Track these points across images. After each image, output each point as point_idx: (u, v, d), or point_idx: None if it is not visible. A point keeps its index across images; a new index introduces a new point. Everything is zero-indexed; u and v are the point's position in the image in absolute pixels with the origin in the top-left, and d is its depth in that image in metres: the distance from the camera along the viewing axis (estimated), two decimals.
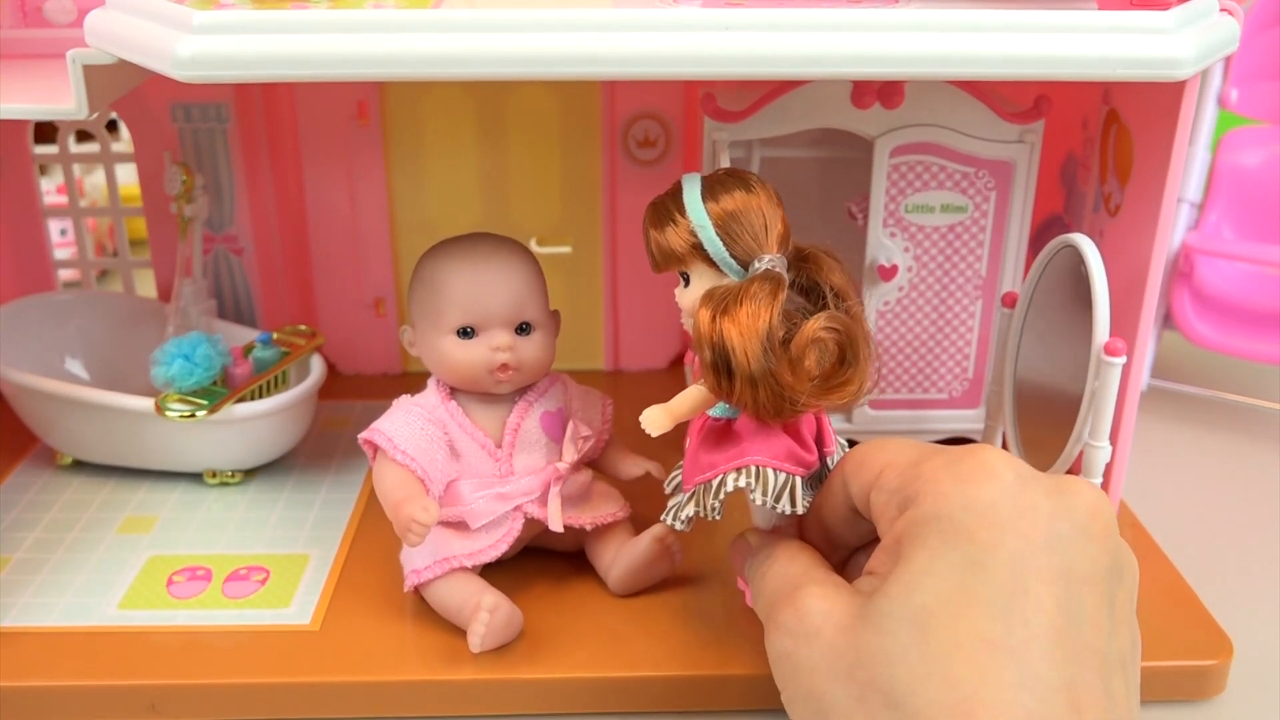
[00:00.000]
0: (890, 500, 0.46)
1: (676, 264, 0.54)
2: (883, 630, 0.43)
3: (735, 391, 0.50)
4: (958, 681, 0.40)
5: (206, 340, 0.71)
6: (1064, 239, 0.60)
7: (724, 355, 0.49)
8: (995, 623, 0.41)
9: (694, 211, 0.52)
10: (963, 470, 0.45)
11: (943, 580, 0.42)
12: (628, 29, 0.51)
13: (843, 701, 0.43)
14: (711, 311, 0.50)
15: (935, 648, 0.41)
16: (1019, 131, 0.68)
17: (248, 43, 0.50)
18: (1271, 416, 0.86)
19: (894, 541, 0.45)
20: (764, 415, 0.51)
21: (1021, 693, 0.40)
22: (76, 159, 0.86)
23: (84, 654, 0.58)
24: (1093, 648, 0.42)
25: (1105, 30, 0.52)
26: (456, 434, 0.61)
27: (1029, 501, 0.43)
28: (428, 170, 0.84)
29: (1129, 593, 0.45)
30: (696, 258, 0.53)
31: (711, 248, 0.52)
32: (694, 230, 0.52)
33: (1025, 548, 0.42)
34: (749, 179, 0.53)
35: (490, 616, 0.56)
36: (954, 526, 0.43)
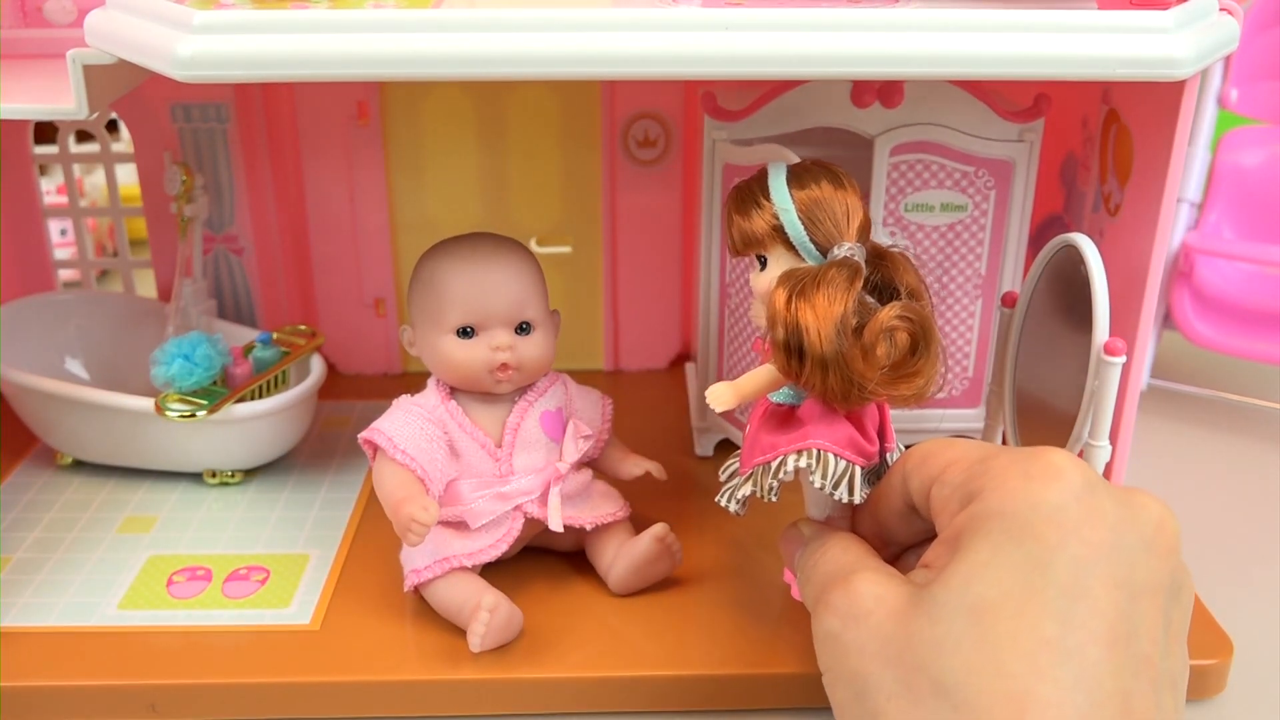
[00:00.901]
0: (953, 495, 0.46)
1: (756, 247, 0.54)
2: (937, 618, 0.42)
3: (805, 373, 0.50)
4: (1012, 675, 0.40)
5: (206, 340, 0.71)
6: (1064, 238, 0.60)
7: (797, 336, 0.50)
8: (1054, 622, 0.41)
9: (778, 195, 0.53)
10: (1031, 469, 0.44)
11: (1004, 575, 0.42)
12: (628, 29, 0.51)
13: (887, 685, 0.43)
14: (788, 293, 0.50)
15: (991, 640, 0.41)
16: (1019, 130, 0.68)
17: (248, 43, 0.50)
18: (1271, 416, 0.86)
19: (954, 535, 0.45)
20: (831, 399, 0.51)
21: (1076, 693, 0.39)
22: (76, 159, 0.86)
23: (84, 654, 0.58)
24: (1148, 660, 0.41)
25: (1105, 30, 0.52)
26: (456, 434, 0.61)
27: (1096, 507, 0.43)
28: (427, 170, 0.84)
29: (1184, 614, 0.45)
30: (777, 241, 0.53)
31: (793, 231, 0.52)
32: (777, 214, 0.53)
33: (1089, 553, 0.42)
34: (835, 170, 0.54)
35: (490, 616, 0.56)
36: (1019, 524, 0.43)
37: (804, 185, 0.53)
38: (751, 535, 0.67)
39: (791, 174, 0.53)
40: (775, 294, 0.51)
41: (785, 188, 0.53)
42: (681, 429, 0.80)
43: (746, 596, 0.62)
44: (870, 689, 0.43)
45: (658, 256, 0.86)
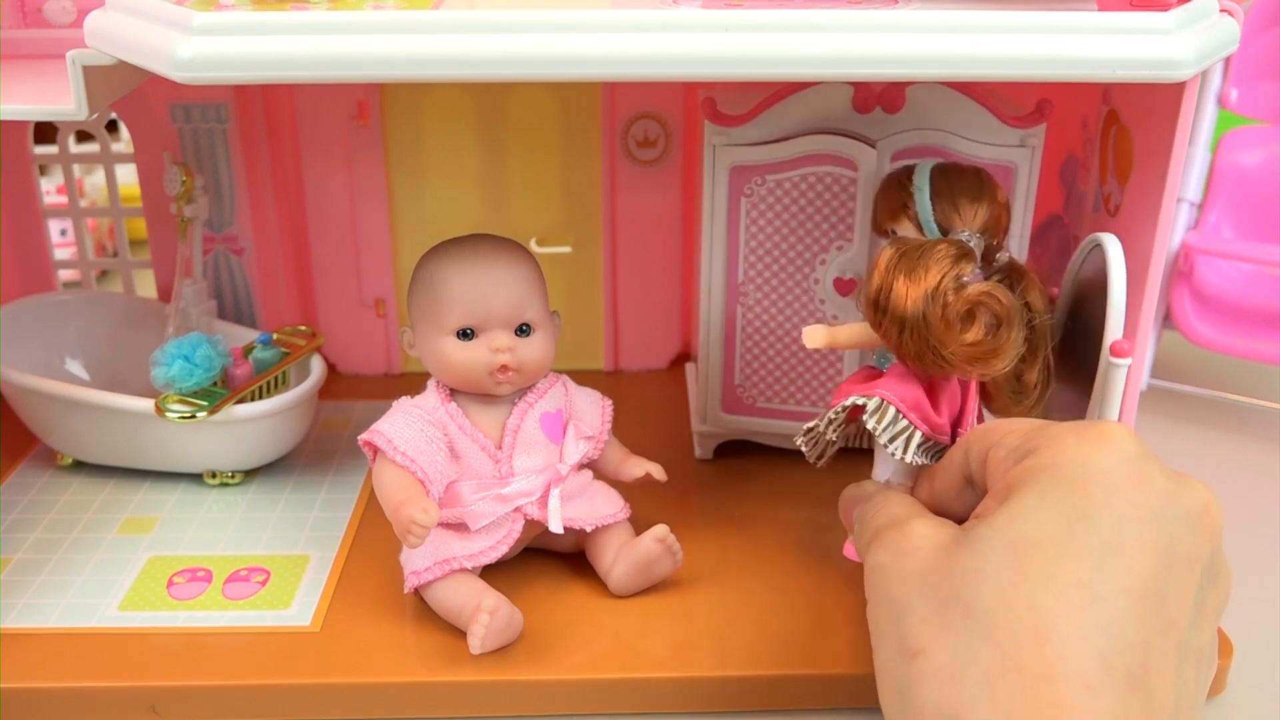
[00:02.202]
0: (1009, 455, 0.48)
1: (889, 221, 0.59)
2: (979, 552, 0.44)
3: (884, 326, 0.55)
4: (1042, 610, 0.41)
5: (207, 341, 0.71)
6: (1093, 238, 0.61)
7: (886, 292, 0.55)
8: (1089, 567, 0.42)
9: (919, 176, 0.58)
10: (1088, 433, 0.46)
11: (1048, 519, 0.44)
12: (628, 29, 0.51)
13: (922, 610, 0.44)
14: (894, 252, 0.56)
15: (1026, 574, 0.42)
16: (1020, 135, 0.68)
17: (248, 44, 0.50)
18: (1271, 416, 0.86)
19: (1005, 487, 0.47)
20: (906, 357, 0.56)
21: (1099, 636, 0.41)
22: (76, 159, 0.86)
23: (84, 655, 0.58)
24: (1175, 624, 0.42)
25: (1105, 31, 0.52)
26: (456, 435, 0.61)
27: (1146, 474, 0.45)
28: (427, 170, 0.83)
29: (1219, 601, 0.46)
30: (905, 218, 0.58)
31: (920, 209, 0.57)
32: (913, 190, 0.58)
33: (1133, 514, 0.43)
34: (983, 172, 0.59)
35: (490, 618, 0.56)
36: (1068, 477, 0.45)
37: (946, 175, 0.58)
38: (752, 536, 0.67)
39: (939, 165, 0.58)
40: (884, 251, 0.56)
41: (928, 172, 0.58)
42: (681, 430, 0.80)
43: (747, 598, 0.62)
44: (906, 614, 0.45)
45: (657, 257, 0.86)
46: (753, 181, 0.68)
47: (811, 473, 0.74)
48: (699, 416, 0.75)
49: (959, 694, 0.41)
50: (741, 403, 0.74)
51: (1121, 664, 0.40)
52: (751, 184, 0.68)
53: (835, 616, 0.60)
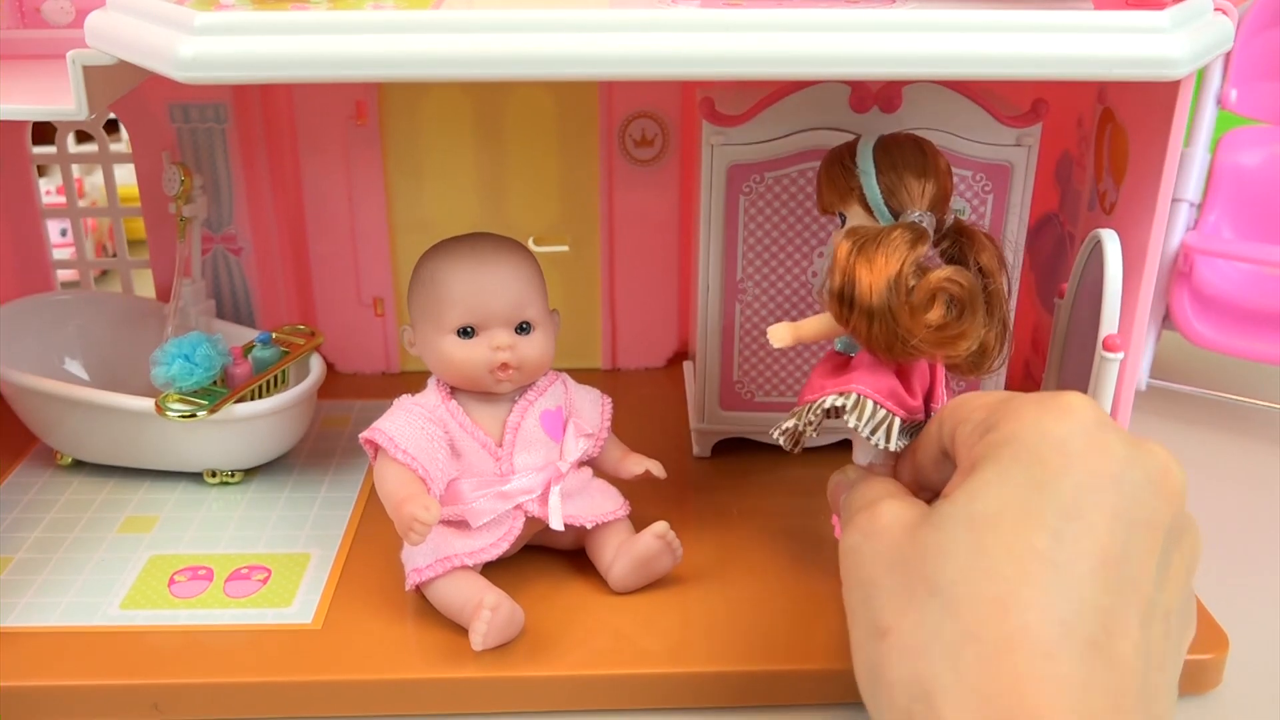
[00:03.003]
0: (974, 430, 0.49)
1: (838, 204, 0.58)
2: (940, 529, 0.45)
3: (852, 321, 0.55)
4: (1001, 579, 0.42)
5: (206, 340, 0.71)
6: (1095, 234, 0.61)
7: (850, 286, 0.54)
8: (1047, 536, 0.43)
9: (862, 159, 0.57)
10: (1047, 404, 0.47)
11: (1005, 492, 0.44)
12: (627, 29, 0.51)
13: (890, 589, 0.45)
14: (851, 244, 0.55)
15: (986, 548, 0.43)
16: (1016, 135, 0.68)
17: (249, 44, 0.51)
18: (1271, 416, 0.86)
19: (970, 464, 0.47)
20: (876, 349, 0.55)
21: (1060, 601, 0.41)
22: (75, 159, 0.86)
23: (86, 654, 0.58)
24: (1137, 587, 0.43)
25: (1101, 30, 0.52)
26: (457, 433, 0.61)
27: (1103, 442, 0.45)
28: (426, 170, 0.84)
29: (1186, 560, 0.46)
30: (855, 202, 0.57)
31: (869, 194, 0.56)
32: (859, 174, 0.56)
33: (1090, 480, 0.44)
34: (922, 143, 0.58)
35: (492, 615, 0.56)
36: (1025, 449, 0.45)
37: (888, 152, 0.57)
38: (750, 532, 0.68)
39: (879, 142, 0.57)
40: (839, 244, 0.55)
41: (870, 153, 0.57)
42: (680, 427, 0.80)
43: (746, 594, 0.62)
44: (876, 593, 0.46)
45: (655, 255, 0.87)
46: (751, 179, 0.68)
47: (809, 469, 0.74)
48: (697, 414, 0.76)
49: (925, 668, 0.42)
50: (740, 399, 0.75)
51: (1083, 630, 0.41)
52: (750, 182, 0.69)
53: (834, 613, 0.60)
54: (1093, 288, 0.62)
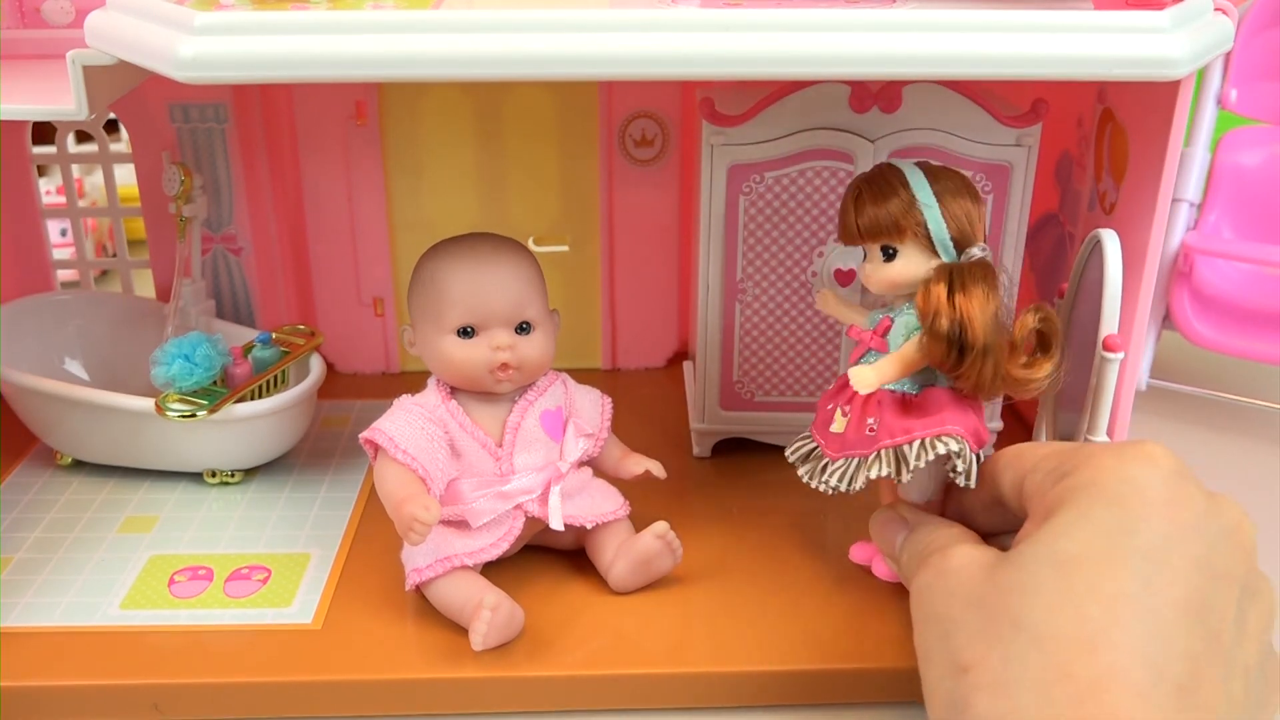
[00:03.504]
0: (1047, 478, 0.49)
1: (889, 237, 0.56)
2: (1023, 568, 0.45)
3: (965, 364, 0.53)
4: (1089, 619, 0.42)
5: (206, 340, 0.71)
6: (1095, 234, 0.61)
7: (962, 328, 0.53)
8: (1134, 581, 0.43)
9: (921, 191, 0.55)
10: (1125, 452, 0.47)
11: (1090, 533, 0.44)
12: (626, 29, 0.51)
13: (970, 624, 0.45)
14: (949, 286, 0.54)
15: (1073, 587, 0.43)
16: (1016, 135, 0.68)
17: (249, 44, 0.51)
18: (1271, 416, 0.86)
19: (1045, 509, 0.47)
20: (977, 390, 0.55)
21: (1148, 645, 0.41)
22: (75, 159, 0.86)
23: (86, 654, 0.58)
24: (1218, 637, 0.43)
25: (1101, 30, 0.52)
26: (457, 433, 0.61)
27: (1184, 492, 0.46)
28: (425, 170, 0.84)
29: (1262, 618, 0.46)
30: (914, 235, 0.56)
31: (935, 227, 0.55)
32: (920, 208, 0.55)
33: (1173, 529, 0.44)
34: (960, 175, 0.57)
35: (492, 615, 0.56)
36: (1107, 494, 0.45)
37: (943, 184, 0.56)
38: (750, 532, 0.68)
39: (927, 173, 0.56)
40: (935, 288, 0.54)
41: (928, 184, 0.55)
42: (680, 427, 0.80)
43: (746, 593, 0.62)
44: (954, 630, 0.46)
45: (655, 255, 0.87)
46: (751, 179, 0.68)
47: None
48: (697, 414, 0.76)
49: (1013, 705, 0.42)
50: (740, 399, 0.75)
51: (1171, 674, 0.41)
52: (750, 182, 0.69)
53: (833, 612, 0.61)
54: (1093, 288, 0.62)
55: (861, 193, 0.57)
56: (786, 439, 0.75)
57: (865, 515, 0.69)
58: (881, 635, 0.59)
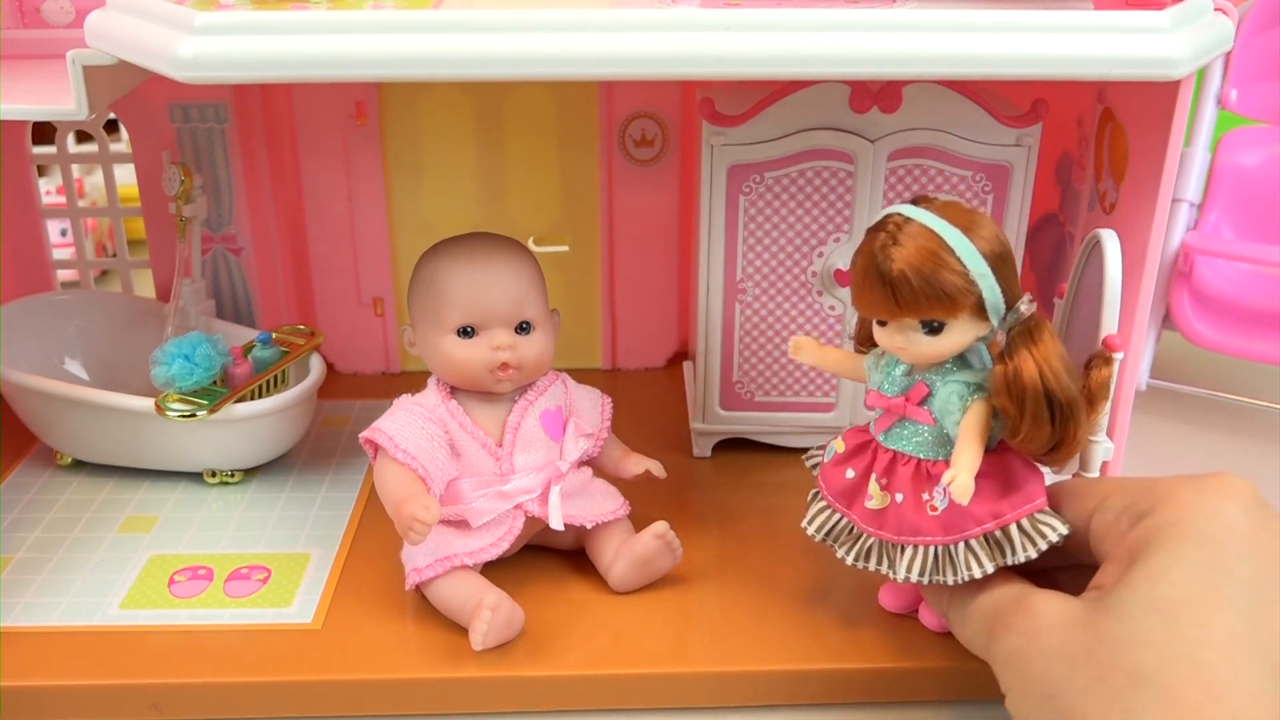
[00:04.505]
0: (1120, 517, 0.48)
1: (941, 313, 0.50)
2: (1125, 618, 0.44)
3: (1069, 435, 0.50)
4: (1207, 665, 0.42)
5: (206, 340, 0.71)
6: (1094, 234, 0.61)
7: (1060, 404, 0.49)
8: (1241, 620, 0.42)
9: (970, 258, 0.49)
10: (1204, 486, 0.47)
11: (1188, 576, 0.44)
12: (627, 29, 0.51)
13: (1078, 684, 0.44)
14: (1036, 364, 0.49)
15: (1184, 635, 0.42)
16: (1016, 135, 0.68)
17: (249, 44, 0.51)
18: (1271, 416, 0.86)
19: (1128, 552, 0.46)
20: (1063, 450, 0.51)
21: (1270, 684, 0.41)
22: (75, 159, 0.86)
23: (86, 654, 0.58)
24: None
25: (1101, 30, 0.52)
26: (457, 433, 0.61)
27: (1267, 522, 0.45)
28: (425, 170, 0.84)
29: None
30: (968, 309, 0.50)
31: (990, 296, 0.50)
32: (975, 280, 0.50)
33: (1265, 562, 0.44)
34: (976, 211, 0.52)
35: (492, 614, 0.56)
36: (1196, 532, 0.45)
37: (983, 239, 0.50)
38: (750, 532, 0.68)
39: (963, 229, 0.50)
40: (1023, 368, 0.49)
41: (975, 250, 0.50)
42: (679, 427, 0.80)
43: (746, 593, 0.62)
44: (1062, 690, 0.44)
45: (655, 255, 0.87)
46: (751, 179, 0.69)
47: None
48: (697, 414, 0.75)
49: None
50: (740, 399, 0.75)
51: None
52: (750, 182, 0.69)
53: (833, 612, 0.61)
54: (1093, 288, 0.62)
55: (893, 266, 0.50)
56: (786, 439, 0.76)
57: None
58: (881, 635, 0.59)
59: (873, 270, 0.51)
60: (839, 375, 0.58)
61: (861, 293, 0.52)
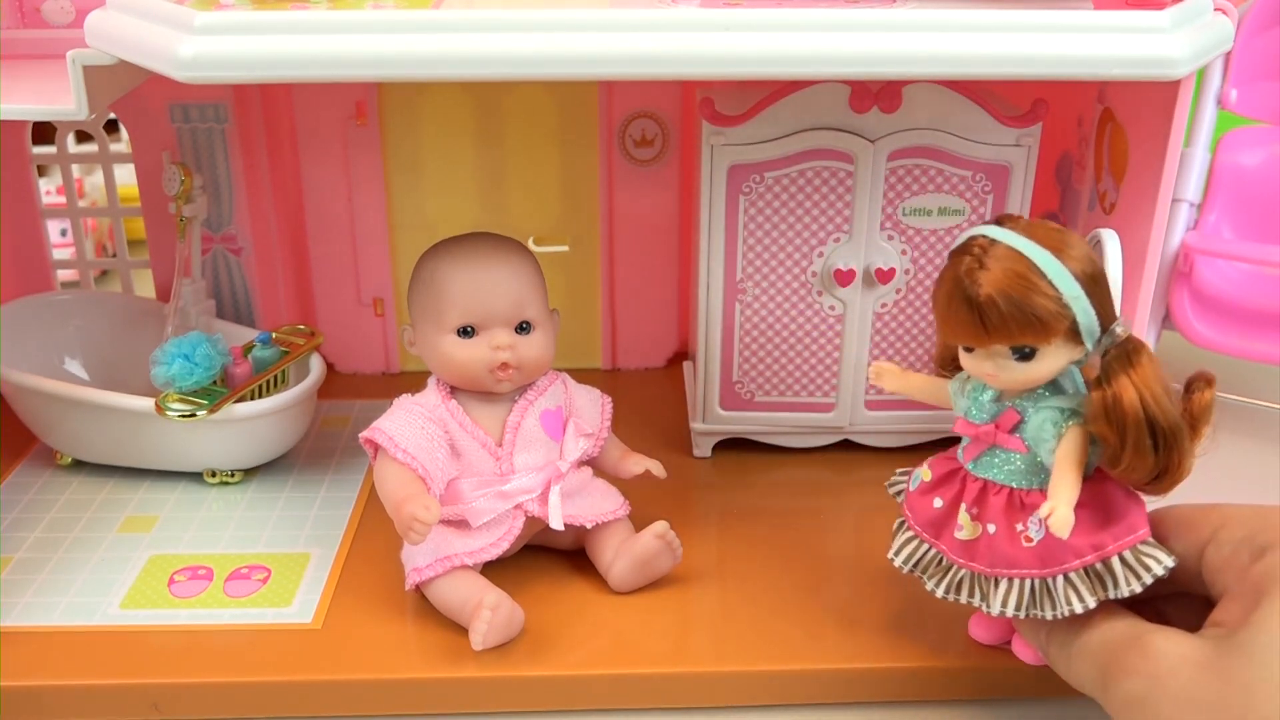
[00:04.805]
0: (1239, 550, 0.47)
1: (1033, 338, 0.48)
2: (1256, 662, 0.42)
3: (1173, 463, 0.48)
4: None
5: (206, 340, 0.71)
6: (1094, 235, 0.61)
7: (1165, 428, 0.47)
8: None
9: (1064, 282, 0.47)
10: None
11: None
12: (627, 29, 0.51)
13: None
14: (1137, 392, 0.47)
15: None
16: (1016, 135, 0.68)
17: (249, 43, 0.51)
18: (1271, 416, 0.86)
19: (1251, 589, 0.45)
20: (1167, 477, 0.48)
21: None
22: (75, 159, 0.86)
23: (86, 653, 0.58)
24: None
25: (1101, 30, 0.52)
26: (457, 433, 0.61)
27: None
28: (425, 170, 0.84)
29: None
30: (1061, 334, 0.48)
31: (1085, 320, 0.48)
32: (1067, 303, 0.48)
33: None
34: (1065, 230, 0.49)
35: (492, 614, 0.56)
36: None
37: (1075, 260, 0.48)
38: (750, 532, 0.68)
39: (1053, 250, 0.48)
40: (1123, 394, 0.47)
41: (1067, 272, 0.48)
42: (679, 427, 0.80)
43: (747, 593, 0.62)
44: None
45: (655, 255, 0.87)
46: (751, 179, 0.69)
47: (809, 469, 0.75)
48: (697, 414, 0.75)
49: None
50: (740, 399, 0.75)
51: None
52: (750, 182, 0.69)
53: (832, 612, 0.61)
54: None
55: (980, 291, 0.48)
56: (786, 439, 0.76)
57: (865, 514, 0.69)
58: (881, 635, 0.59)
59: (958, 295, 0.48)
60: (924, 401, 0.56)
61: (947, 318, 0.50)
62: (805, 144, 0.67)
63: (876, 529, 0.68)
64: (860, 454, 0.76)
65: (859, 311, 0.72)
